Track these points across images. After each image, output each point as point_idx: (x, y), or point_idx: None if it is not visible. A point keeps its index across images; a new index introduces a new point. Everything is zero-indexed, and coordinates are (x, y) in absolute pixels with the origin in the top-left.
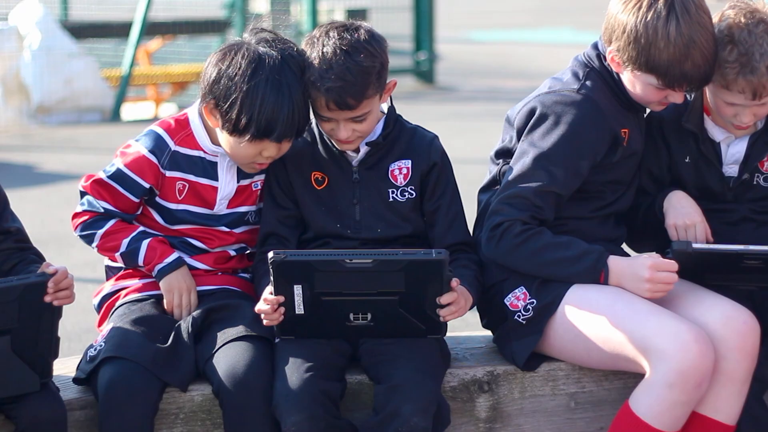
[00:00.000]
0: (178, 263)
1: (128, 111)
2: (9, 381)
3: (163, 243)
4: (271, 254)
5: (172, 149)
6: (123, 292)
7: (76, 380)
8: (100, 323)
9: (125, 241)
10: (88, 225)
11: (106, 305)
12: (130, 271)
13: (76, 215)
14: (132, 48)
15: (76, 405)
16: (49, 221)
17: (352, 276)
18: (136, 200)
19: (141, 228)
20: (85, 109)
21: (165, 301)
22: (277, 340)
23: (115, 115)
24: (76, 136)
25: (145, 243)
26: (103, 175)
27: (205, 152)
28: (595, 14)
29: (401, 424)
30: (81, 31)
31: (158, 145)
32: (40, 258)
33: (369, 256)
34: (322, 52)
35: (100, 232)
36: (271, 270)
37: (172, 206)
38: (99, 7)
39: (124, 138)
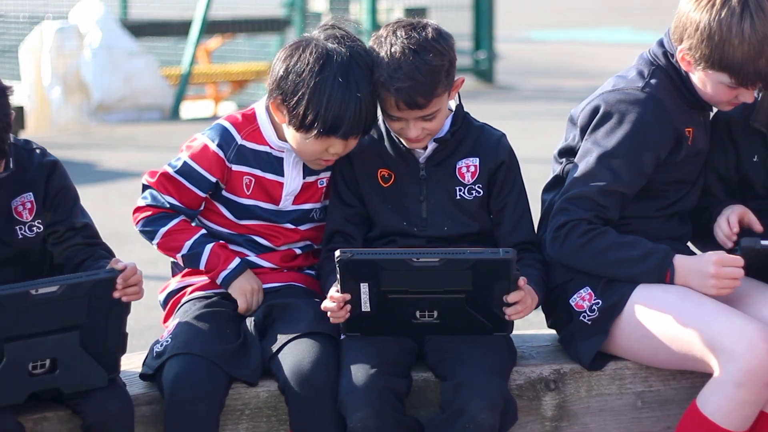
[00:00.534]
0: (242, 268)
1: (187, 109)
2: (77, 376)
3: (225, 248)
4: (338, 253)
5: (239, 143)
6: (189, 289)
7: (142, 376)
8: (166, 319)
9: (188, 244)
10: (151, 221)
11: (172, 301)
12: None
13: (138, 209)
14: (192, 46)
15: (143, 400)
16: (110, 218)
17: (419, 275)
18: (203, 195)
19: (203, 231)
20: (145, 107)
21: (239, 306)
22: (342, 337)
23: (174, 114)
24: (135, 134)
25: (207, 248)
26: (170, 170)
27: (271, 147)
28: (654, 13)
29: (468, 420)
30: (141, 29)
31: (225, 139)
32: (109, 253)
33: (436, 255)
34: (391, 52)
35: (163, 230)
36: (337, 268)
37: (242, 200)
38: (158, 6)
39: (184, 136)
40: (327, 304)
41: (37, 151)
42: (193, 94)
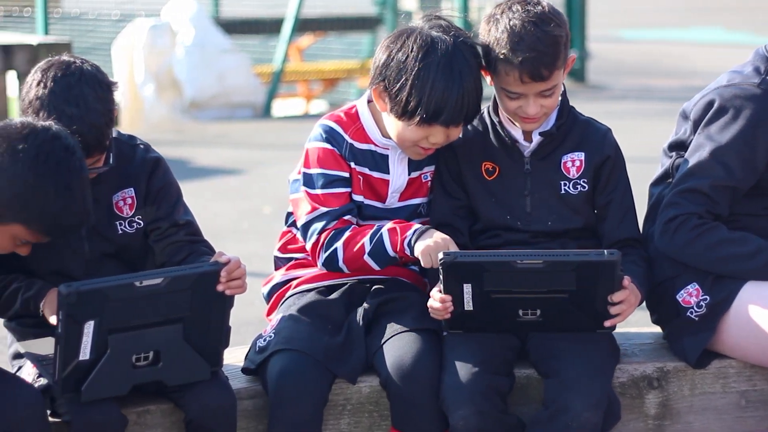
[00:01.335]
0: (422, 229)
1: (279, 107)
2: (180, 369)
3: (400, 222)
4: (441, 255)
5: (349, 142)
6: (294, 283)
7: (245, 370)
8: (269, 313)
9: (366, 240)
10: (327, 244)
11: (276, 295)
12: (302, 261)
13: (312, 249)
14: (284, 44)
15: (245, 394)
16: (204, 215)
17: (522, 276)
18: (347, 190)
19: (377, 225)
20: (237, 104)
21: (423, 263)
22: (444, 334)
23: (266, 112)
24: (227, 131)
25: (385, 231)
26: (308, 190)
27: (376, 145)
28: (744, 13)
29: (572, 419)
30: (233, 27)
31: (334, 137)
32: (211, 250)
33: (539, 257)
34: (510, 26)
35: (340, 244)
36: (441, 270)
37: (357, 198)
38: (249, 4)
39: (276, 134)
40: (432, 303)
41: (141, 146)
42: (284, 92)
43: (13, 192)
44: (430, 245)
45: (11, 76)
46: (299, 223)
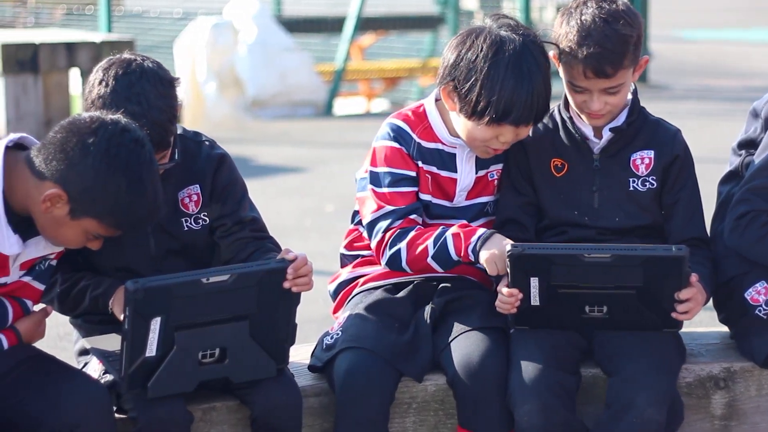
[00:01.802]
0: (486, 235)
1: (340, 106)
2: (246, 366)
3: (464, 226)
4: (508, 247)
5: (417, 141)
6: (361, 280)
7: (311, 368)
8: (336, 310)
9: (429, 243)
10: (391, 244)
11: (342, 293)
12: (369, 258)
13: (377, 248)
14: (346, 43)
15: (311, 392)
16: (266, 213)
17: (590, 270)
18: (413, 189)
19: (441, 228)
20: (299, 103)
21: (489, 271)
22: (511, 331)
23: (327, 110)
24: (289, 129)
25: (449, 236)
26: (375, 188)
27: (444, 144)
28: None
29: (636, 415)
30: (295, 25)
31: (402, 136)
32: (276, 247)
33: (607, 251)
34: (581, 20)
35: (404, 245)
36: (508, 262)
37: (425, 198)
38: (311, 2)
39: (337, 132)
40: (500, 298)
41: (206, 143)
42: (345, 90)
43: (84, 186)
44: (495, 254)
45: (74, 74)
46: (365, 222)
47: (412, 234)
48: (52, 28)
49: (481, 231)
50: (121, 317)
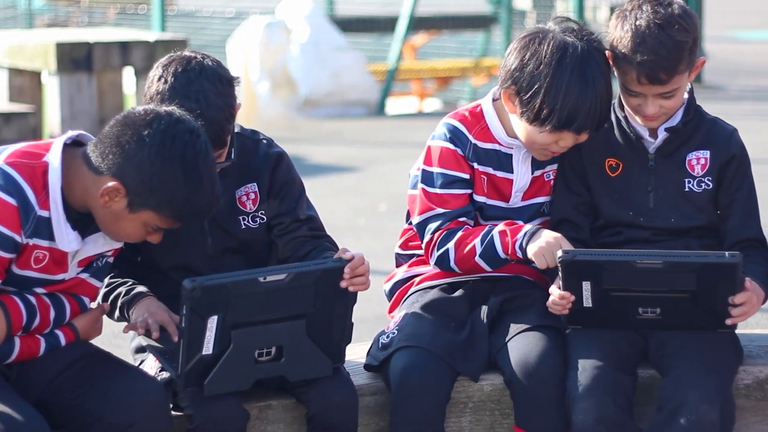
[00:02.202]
0: (532, 230)
1: (392, 105)
2: (302, 364)
3: (510, 223)
4: (560, 253)
5: (473, 142)
6: (416, 279)
7: (367, 366)
8: (391, 309)
9: (477, 242)
10: (439, 244)
11: (398, 292)
12: (422, 258)
13: (426, 248)
14: (399, 42)
15: (367, 391)
16: (319, 212)
17: (642, 275)
18: (466, 192)
19: (488, 226)
20: (351, 102)
21: (538, 265)
22: (567, 331)
23: (380, 110)
24: (342, 129)
25: (496, 234)
26: (426, 188)
27: (500, 144)
28: None
29: (689, 412)
30: (348, 25)
31: (458, 137)
32: (334, 246)
33: (659, 257)
34: (635, 26)
35: (452, 245)
36: (560, 268)
37: (478, 199)
38: (363, 2)
39: (390, 132)
40: (551, 299)
41: (264, 141)
42: (398, 90)
43: (141, 178)
44: (543, 246)
45: (128, 73)
46: (415, 221)
47: (459, 234)
48: (105, 27)
49: (527, 227)
50: (134, 325)
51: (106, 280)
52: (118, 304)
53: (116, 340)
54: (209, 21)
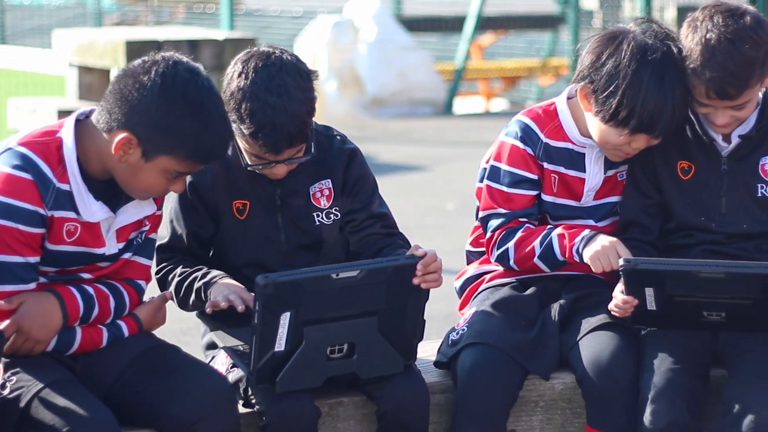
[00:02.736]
0: (589, 236)
1: (459, 105)
2: (374, 361)
3: (569, 226)
4: (622, 261)
5: (544, 141)
6: (487, 277)
7: (437, 363)
8: (462, 307)
9: (536, 243)
10: (499, 243)
11: (468, 289)
12: None
13: (486, 244)
14: (466, 42)
15: (437, 388)
16: None
17: (705, 283)
18: (532, 193)
19: (548, 228)
20: (418, 101)
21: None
22: (643, 332)
23: (447, 109)
24: (409, 128)
25: (555, 236)
26: (492, 184)
27: (573, 143)
28: None
29: (755, 415)
30: (415, 24)
31: (529, 136)
32: (406, 243)
33: (722, 267)
34: (705, 39)
35: (511, 244)
36: (622, 276)
37: (546, 198)
38: (430, 1)
39: (457, 131)
40: (614, 302)
41: (338, 137)
42: (464, 89)
43: (149, 123)
44: (598, 250)
45: None
46: (479, 215)
47: (519, 233)
48: (173, 26)
49: (584, 232)
50: (216, 302)
51: (179, 269)
52: (195, 287)
53: (185, 337)
54: (276, 20)
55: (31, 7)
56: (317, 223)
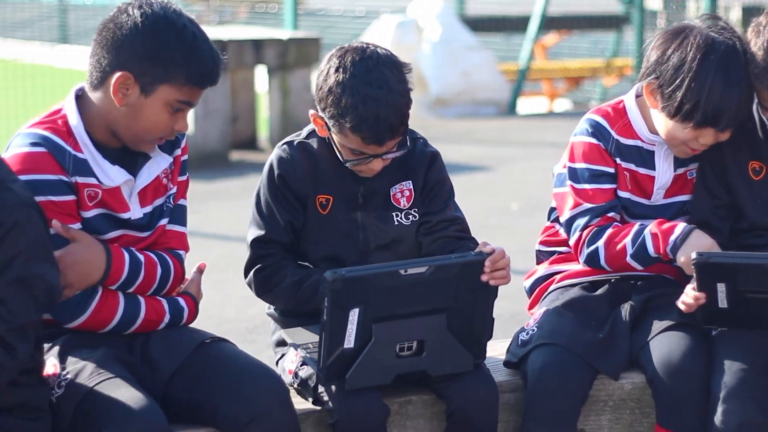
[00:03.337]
0: (683, 235)
1: (522, 105)
2: (444, 359)
3: (662, 222)
4: (694, 255)
5: (615, 137)
6: (557, 277)
7: (506, 363)
8: (531, 306)
9: (628, 242)
10: (588, 242)
11: (538, 289)
12: (565, 255)
13: (575, 246)
14: (530, 42)
15: (506, 387)
16: None
17: None
18: (612, 186)
19: (639, 225)
20: (482, 102)
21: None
22: (714, 333)
23: (511, 109)
24: (472, 128)
25: (648, 234)
26: (574, 184)
27: (642, 141)
28: None
29: None
30: (478, 24)
31: (600, 132)
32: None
33: None
34: (767, 45)
35: (601, 243)
36: (694, 270)
37: (624, 195)
38: (493, 1)
39: (521, 132)
40: (684, 299)
41: (420, 140)
42: (527, 90)
43: (139, 55)
44: (689, 250)
45: (261, 71)
46: (562, 219)
47: (609, 232)
48: (235, 26)
49: (678, 230)
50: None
51: (291, 269)
52: (320, 289)
53: (251, 335)
54: (338, 20)
55: (93, 7)
56: (396, 223)
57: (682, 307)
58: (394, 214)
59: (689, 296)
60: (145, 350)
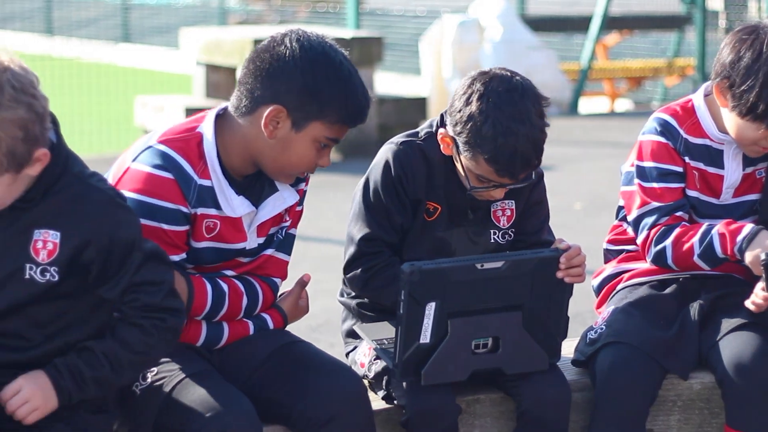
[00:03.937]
0: (751, 235)
1: (584, 105)
2: (519, 357)
3: (729, 223)
4: (763, 255)
5: (683, 136)
6: (625, 276)
7: (575, 362)
8: (599, 305)
9: (695, 241)
10: (656, 241)
11: (606, 287)
12: (633, 253)
13: (642, 245)
14: (591, 42)
15: (574, 386)
16: None
17: None
18: (680, 185)
19: (707, 225)
20: None
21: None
22: None
23: (572, 109)
24: None
25: (715, 234)
26: (643, 183)
27: (711, 140)
28: None
29: None
30: (540, 24)
31: (669, 131)
32: None
33: None
34: None
35: (669, 242)
36: (763, 270)
37: (693, 194)
38: (554, 1)
39: (583, 132)
40: (754, 299)
41: None
42: (588, 89)
43: (296, 90)
44: (760, 256)
45: None
46: (630, 217)
47: (677, 231)
48: (296, 24)
49: (745, 231)
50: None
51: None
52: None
53: (314, 333)
54: (399, 19)
55: (154, 6)
56: (492, 240)
57: (751, 307)
58: (492, 231)
59: (759, 296)
60: (221, 350)
